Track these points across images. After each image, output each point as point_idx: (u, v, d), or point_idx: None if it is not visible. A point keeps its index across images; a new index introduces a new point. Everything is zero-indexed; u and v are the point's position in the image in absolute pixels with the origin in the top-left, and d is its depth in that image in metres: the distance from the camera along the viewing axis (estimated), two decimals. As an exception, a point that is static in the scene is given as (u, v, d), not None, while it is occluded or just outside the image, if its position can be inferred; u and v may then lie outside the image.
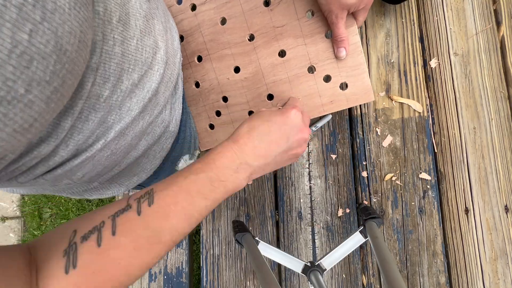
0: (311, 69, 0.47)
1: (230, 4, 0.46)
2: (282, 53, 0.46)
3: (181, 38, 0.52)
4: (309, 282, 0.41)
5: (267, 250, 0.44)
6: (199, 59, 0.50)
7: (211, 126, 0.53)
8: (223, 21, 0.47)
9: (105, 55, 0.30)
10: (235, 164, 0.33)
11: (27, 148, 0.28)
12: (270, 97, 0.49)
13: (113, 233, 0.27)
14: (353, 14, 0.42)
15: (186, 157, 0.57)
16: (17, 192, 0.42)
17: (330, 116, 0.55)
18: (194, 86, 0.52)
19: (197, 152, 0.61)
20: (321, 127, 0.56)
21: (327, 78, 0.47)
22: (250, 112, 0.50)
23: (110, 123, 0.34)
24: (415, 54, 0.57)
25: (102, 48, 0.29)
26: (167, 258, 0.62)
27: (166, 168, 0.55)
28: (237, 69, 0.48)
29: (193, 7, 0.49)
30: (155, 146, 0.48)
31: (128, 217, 0.28)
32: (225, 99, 0.50)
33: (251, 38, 0.46)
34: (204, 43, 0.49)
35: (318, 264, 0.42)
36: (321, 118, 0.56)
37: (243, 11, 0.46)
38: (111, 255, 0.27)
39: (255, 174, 0.35)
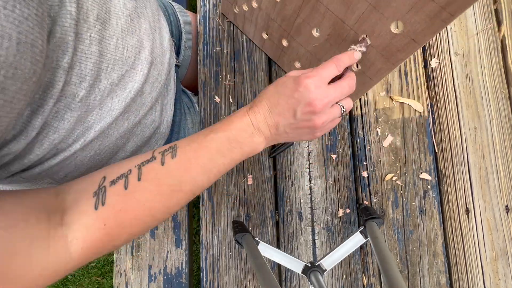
0: None
1: None
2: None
3: (266, 33, 0.52)
4: (309, 282, 0.40)
5: (267, 251, 0.44)
6: (287, 42, 0.50)
7: None
8: None
9: (80, 54, 0.29)
10: (250, 129, 0.34)
11: (0, 145, 0.28)
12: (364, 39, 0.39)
13: (139, 179, 0.30)
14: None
15: None
16: (1, 188, 0.41)
17: None
18: (299, 66, 0.52)
19: None
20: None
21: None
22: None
23: (90, 123, 0.34)
24: (416, 54, 0.57)
25: (77, 48, 0.29)
26: (167, 258, 0.62)
27: None
28: (317, 32, 0.43)
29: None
30: (145, 147, 0.47)
31: (153, 167, 0.31)
32: None
33: None
34: (280, 26, 0.48)
35: (318, 264, 0.42)
36: None
37: None
38: (136, 197, 0.30)
39: (271, 140, 0.36)
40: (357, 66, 0.42)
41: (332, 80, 0.36)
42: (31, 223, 0.26)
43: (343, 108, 0.36)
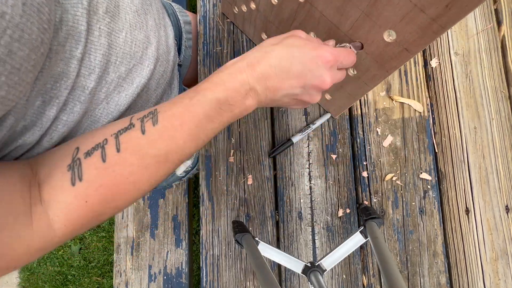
0: None
1: None
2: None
3: (265, 34, 0.52)
4: (309, 282, 0.40)
5: (267, 251, 0.44)
6: None
7: (330, 95, 0.51)
8: None
9: (90, 46, 0.30)
10: (245, 89, 0.30)
11: (12, 136, 0.27)
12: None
13: (118, 150, 0.27)
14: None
15: None
16: None
17: (329, 114, 0.55)
18: None
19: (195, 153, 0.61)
20: (320, 126, 0.56)
21: None
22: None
23: (97, 117, 0.34)
24: (416, 54, 0.57)
25: (87, 38, 0.29)
26: (167, 258, 0.62)
27: None
28: (314, 36, 0.43)
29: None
30: None
31: (132, 136, 0.28)
32: None
33: None
34: (278, 29, 0.48)
35: (318, 264, 0.42)
36: (320, 116, 0.55)
37: None
38: (117, 171, 0.27)
39: (262, 104, 0.33)
40: (353, 71, 0.43)
41: None
42: (15, 198, 0.24)
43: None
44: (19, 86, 0.23)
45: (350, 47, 0.36)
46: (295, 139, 0.54)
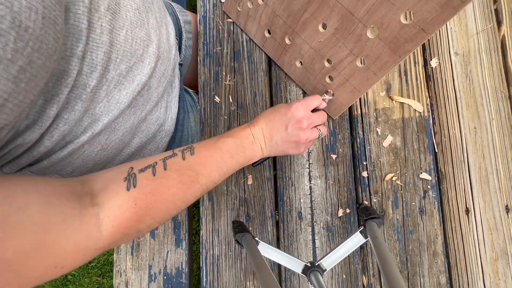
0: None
1: None
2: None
3: (268, 32, 0.52)
4: (309, 282, 0.40)
5: (267, 251, 0.44)
6: (289, 39, 0.50)
7: (332, 93, 0.51)
8: None
9: (92, 43, 0.30)
10: (251, 138, 0.42)
11: (13, 135, 0.28)
12: (375, 31, 0.40)
13: (165, 169, 0.34)
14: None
15: None
16: None
17: None
18: (299, 65, 0.52)
19: None
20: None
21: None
22: (362, 61, 0.44)
23: (98, 115, 0.35)
24: (416, 54, 0.57)
25: (89, 36, 0.29)
26: (167, 258, 0.62)
27: None
28: (324, 27, 0.44)
29: None
30: (150, 145, 0.48)
31: (176, 160, 0.35)
32: (329, 61, 0.47)
33: None
34: (285, 23, 0.48)
35: (318, 264, 0.42)
36: None
37: None
38: (163, 183, 0.33)
39: (265, 151, 0.44)
40: (362, 62, 0.42)
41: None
42: (63, 201, 0.27)
43: (320, 131, 0.47)
44: (34, 91, 0.25)
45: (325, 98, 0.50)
46: None
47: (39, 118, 0.29)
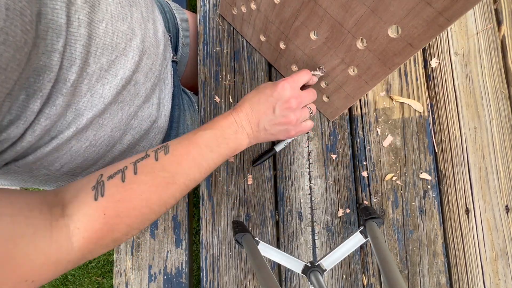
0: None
1: None
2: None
3: (264, 36, 0.52)
4: (309, 282, 0.41)
5: (267, 250, 0.44)
6: (284, 45, 0.50)
7: (328, 97, 0.51)
8: None
9: (70, 37, 0.30)
10: (234, 127, 0.39)
11: None
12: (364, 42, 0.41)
13: (135, 173, 0.32)
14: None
15: None
16: (0, 183, 0.41)
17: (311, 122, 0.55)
18: (295, 69, 0.52)
19: None
20: (320, 126, 0.56)
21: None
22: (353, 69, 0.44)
23: (81, 110, 0.34)
24: (416, 54, 0.57)
25: (68, 31, 0.29)
26: (167, 258, 0.62)
27: None
28: (315, 34, 0.44)
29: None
30: (144, 142, 0.48)
31: (147, 162, 0.33)
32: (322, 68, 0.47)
33: None
34: (278, 29, 0.48)
35: (318, 264, 0.42)
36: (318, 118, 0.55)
37: None
38: (133, 188, 0.31)
39: (253, 138, 0.41)
40: (353, 70, 0.42)
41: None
42: (35, 213, 0.26)
43: (311, 109, 0.44)
44: (6, 84, 0.24)
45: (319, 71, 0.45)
46: (278, 148, 0.54)
47: (23, 113, 0.29)
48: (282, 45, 0.50)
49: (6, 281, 0.23)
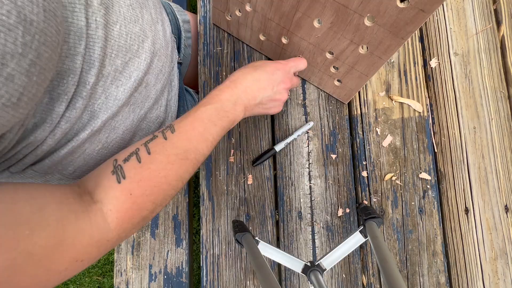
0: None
1: None
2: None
3: (263, 35, 0.52)
4: (309, 282, 0.41)
5: (267, 250, 0.44)
6: (286, 39, 0.50)
7: (339, 81, 0.52)
8: None
9: (89, 40, 0.30)
10: (233, 98, 0.40)
11: (24, 133, 0.29)
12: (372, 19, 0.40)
13: (149, 153, 0.33)
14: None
15: None
16: None
17: (312, 123, 0.55)
18: None
19: None
20: (320, 125, 0.56)
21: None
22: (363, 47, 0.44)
23: (96, 112, 0.35)
24: (415, 54, 0.57)
25: (87, 33, 0.30)
26: (167, 258, 0.62)
27: None
28: (319, 22, 0.44)
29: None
30: None
31: (157, 142, 0.35)
32: (331, 53, 0.47)
33: None
34: (278, 25, 0.48)
35: (318, 264, 0.42)
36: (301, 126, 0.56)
37: None
38: (151, 168, 0.33)
39: (248, 110, 0.43)
40: (364, 48, 0.43)
41: None
42: (72, 201, 0.28)
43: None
44: (44, 84, 0.26)
45: None
46: (278, 148, 0.54)
47: (48, 116, 0.29)
48: (284, 40, 0.50)
49: (62, 261, 0.26)
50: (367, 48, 0.42)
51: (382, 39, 0.39)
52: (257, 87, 0.42)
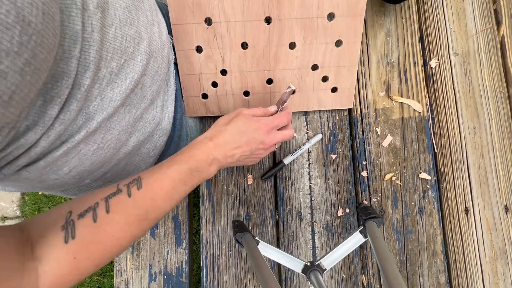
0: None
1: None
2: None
3: (245, 93, 0.53)
4: (309, 282, 0.41)
5: (267, 250, 0.44)
6: (271, 80, 0.52)
7: (335, 89, 0.54)
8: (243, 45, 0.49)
9: (84, 43, 0.30)
10: (209, 159, 0.39)
11: (15, 135, 0.28)
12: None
13: (107, 212, 0.31)
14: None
15: None
16: (8, 190, 0.42)
17: (321, 135, 0.55)
18: (293, 93, 0.54)
19: None
20: (320, 125, 0.56)
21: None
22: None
23: (91, 113, 0.35)
24: (415, 54, 0.57)
25: (83, 36, 0.30)
26: (167, 258, 0.62)
27: None
28: (292, 46, 0.49)
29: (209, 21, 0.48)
30: (148, 144, 0.48)
31: (120, 199, 0.32)
32: (315, 67, 0.51)
33: (267, 20, 0.47)
34: (259, 71, 0.51)
35: (318, 264, 0.42)
36: (309, 138, 0.56)
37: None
38: (106, 230, 0.31)
39: (222, 166, 0.42)
40: (339, 43, 0.48)
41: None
42: (12, 255, 0.27)
43: (277, 146, 0.52)
44: (37, 84, 0.26)
45: (287, 95, 0.45)
46: (286, 161, 0.54)
47: (41, 119, 0.29)
48: (268, 83, 0.51)
49: None
50: (341, 41, 0.48)
51: (348, 26, 0.47)
52: (235, 146, 0.41)
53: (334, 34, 0.48)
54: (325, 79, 0.51)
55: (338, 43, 0.49)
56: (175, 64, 0.55)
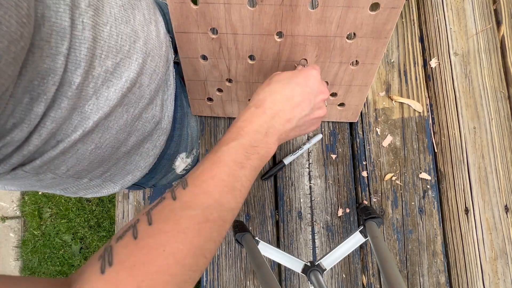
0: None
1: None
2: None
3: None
4: (309, 282, 0.41)
5: (267, 250, 0.44)
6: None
7: (342, 105, 0.52)
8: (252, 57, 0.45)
9: (74, 40, 0.30)
10: (264, 129, 0.32)
11: (1, 133, 0.28)
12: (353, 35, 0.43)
13: (150, 223, 0.25)
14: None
15: (183, 155, 0.57)
16: (8, 188, 0.42)
17: (321, 135, 0.55)
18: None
19: (196, 150, 0.61)
20: (320, 125, 0.56)
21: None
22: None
23: (87, 113, 0.34)
24: (415, 54, 0.57)
25: (72, 34, 0.29)
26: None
27: (162, 167, 0.55)
28: (303, 64, 0.45)
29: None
30: (147, 144, 0.48)
31: (163, 205, 0.26)
32: (325, 83, 0.48)
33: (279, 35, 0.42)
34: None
35: (318, 264, 0.42)
36: (310, 138, 0.56)
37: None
38: (150, 244, 0.24)
39: (282, 138, 0.34)
40: (355, 64, 0.43)
41: None
42: None
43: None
44: (1, 78, 0.23)
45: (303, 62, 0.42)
46: (286, 161, 0.54)
47: (27, 116, 0.29)
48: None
49: None
50: (357, 61, 0.43)
51: (368, 47, 0.41)
52: (291, 107, 0.33)
53: (351, 54, 0.42)
54: (334, 94, 0.50)
55: (354, 63, 0.44)
56: (176, 63, 0.55)
